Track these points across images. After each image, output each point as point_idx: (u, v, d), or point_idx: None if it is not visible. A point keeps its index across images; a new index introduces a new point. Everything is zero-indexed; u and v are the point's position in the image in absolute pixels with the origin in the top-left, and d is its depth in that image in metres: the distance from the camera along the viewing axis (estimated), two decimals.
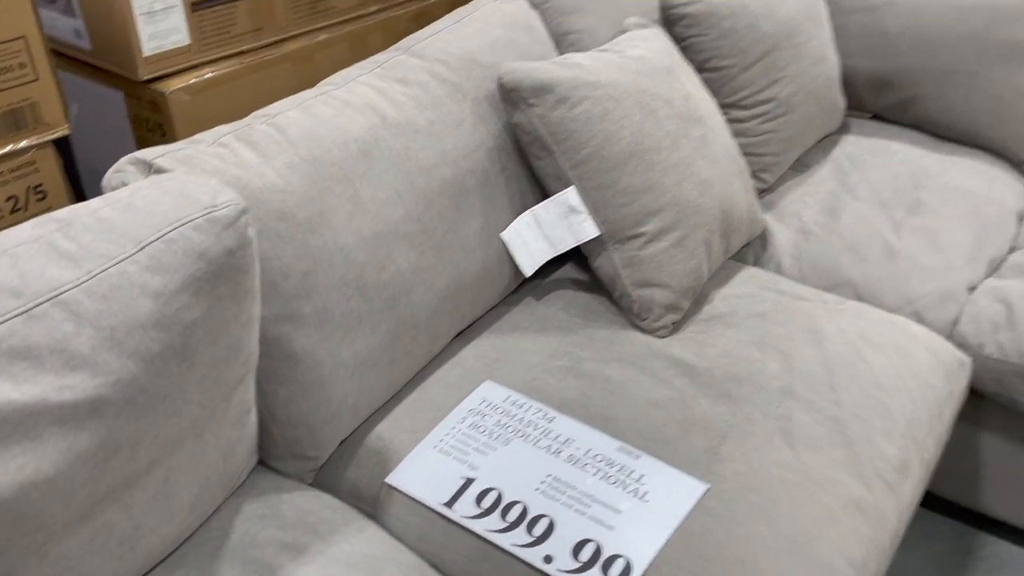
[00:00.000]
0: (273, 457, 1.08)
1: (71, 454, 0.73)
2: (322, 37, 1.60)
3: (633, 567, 0.91)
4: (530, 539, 0.96)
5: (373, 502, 1.06)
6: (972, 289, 1.40)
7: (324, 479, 1.10)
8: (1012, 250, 1.50)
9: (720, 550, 0.93)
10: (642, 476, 1.01)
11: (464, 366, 1.21)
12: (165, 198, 0.81)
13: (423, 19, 1.77)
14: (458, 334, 1.27)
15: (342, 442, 1.12)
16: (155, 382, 0.78)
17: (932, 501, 1.56)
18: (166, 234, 0.78)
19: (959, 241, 1.46)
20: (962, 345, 1.33)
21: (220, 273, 0.81)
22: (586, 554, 0.93)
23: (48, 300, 0.73)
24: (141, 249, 0.77)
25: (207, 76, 1.44)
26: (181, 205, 0.80)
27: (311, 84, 1.31)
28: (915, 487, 1.09)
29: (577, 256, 1.42)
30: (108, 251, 0.76)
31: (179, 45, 1.40)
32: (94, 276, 0.75)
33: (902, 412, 1.13)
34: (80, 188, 1.61)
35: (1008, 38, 1.60)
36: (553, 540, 0.95)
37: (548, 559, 0.93)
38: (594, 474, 1.02)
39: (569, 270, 1.41)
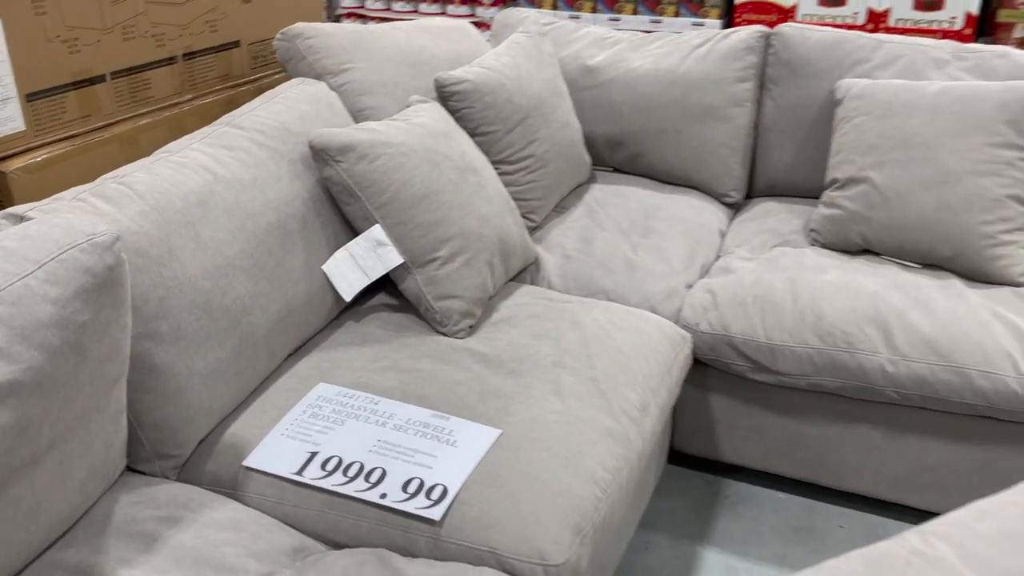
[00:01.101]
0: (140, 461, 1.27)
1: None
2: (144, 121, 1.82)
3: (449, 490, 1.19)
4: (368, 485, 1.21)
5: (233, 485, 1.27)
6: (690, 287, 1.84)
7: (187, 475, 1.30)
8: (717, 258, 1.96)
9: (512, 470, 1.23)
10: (451, 431, 1.30)
11: (299, 375, 1.46)
12: (54, 230, 1.02)
13: (231, 105, 2.03)
14: (292, 353, 1.52)
15: (200, 442, 1.32)
16: (56, 370, 0.98)
17: (683, 459, 1.95)
18: (58, 256, 1.00)
19: (679, 254, 1.90)
20: (685, 326, 1.74)
21: (102, 285, 1.03)
22: (413, 488, 1.20)
23: None
24: (41, 267, 0.98)
25: (42, 157, 1.62)
26: (68, 234, 1.02)
27: (139, 158, 1.53)
28: (654, 422, 1.46)
29: (388, 284, 1.72)
30: (13, 269, 0.97)
31: (16, 131, 1.58)
32: (3, 289, 0.95)
33: (640, 370, 1.51)
34: None
35: (699, 102, 2.12)
36: (386, 483, 1.21)
37: (383, 496, 1.19)
38: (414, 434, 1.29)
39: (382, 297, 1.70)
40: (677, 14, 3.70)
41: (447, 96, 1.85)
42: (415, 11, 4.27)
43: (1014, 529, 1.14)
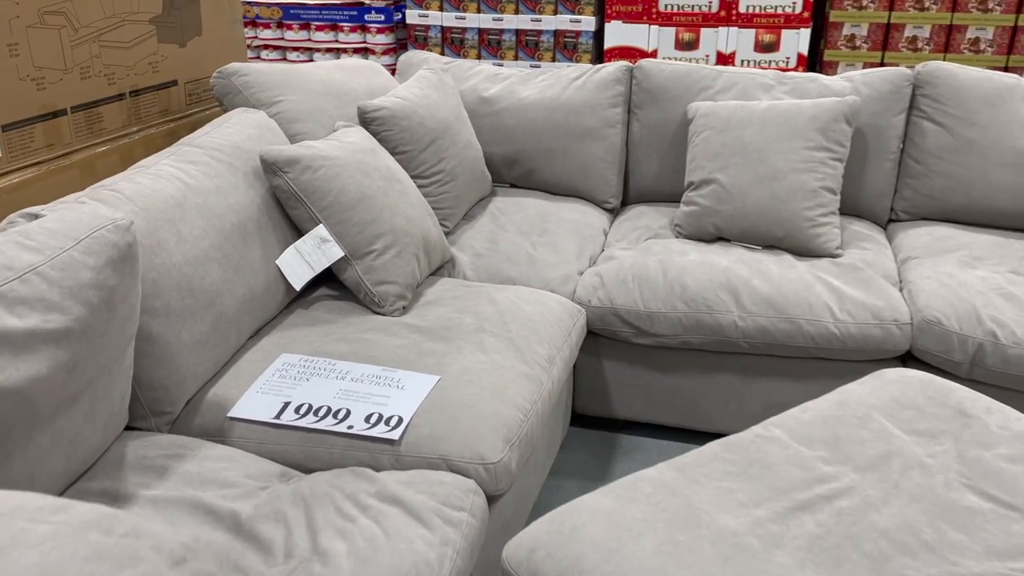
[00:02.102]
0: (137, 419, 1.51)
1: (53, 363, 1.17)
2: (100, 150, 2.06)
3: (404, 418, 1.50)
4: (336, 421, 1.50)
5: (220, 433, 1.53)
6: (581, 273, 2.21)
7: (178, 429, 1.55)
8: (602, 250, 2.35)
9: (452, 402, 1.54)
10: (399, 380, 1.61)
11: (264, 349, 1.73)
12: (84, 215, 1.28)
13: (172, 136, 2.29)
14: (253, 334, 1.79)
15: (188, 401, 1.57)
16: (95, 322, 1.24)
17: (585, 420, 2.31)
18: (91, 234, 1.26)
19: (571, 248, 2.28)
20: (579, 303, 2.11)
21: (124, 258, 1.30)
22: (373, 419, 1.50)
23: (30, 271, 1.18)
24: (79, 242, 1.24)
25: (15, 181, 1.84)
26: (96, 218, 1.29)
27: (96, 181, 1.78)
28: (559, 371, 1.80)
29: (328, 278, 2.01)
30: (59, 244, 1.23)
31: None
32: (53, 259, 1.21)
33: (546, 332, 1.85)
34: None
35: (579, 125, 2.52)
36: (351, 418, 1.50)
37: (351, 427, 1.48)
38: (369, 384, 1.59)
39: (324, 288, 1.99)
40: (554, 59, 4.19)
41: (368, 121, 2.18)
42: (308, 39, 4.62)
43: (828, 415, 1.54)
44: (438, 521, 1.29)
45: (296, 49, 4.68)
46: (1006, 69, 3.69)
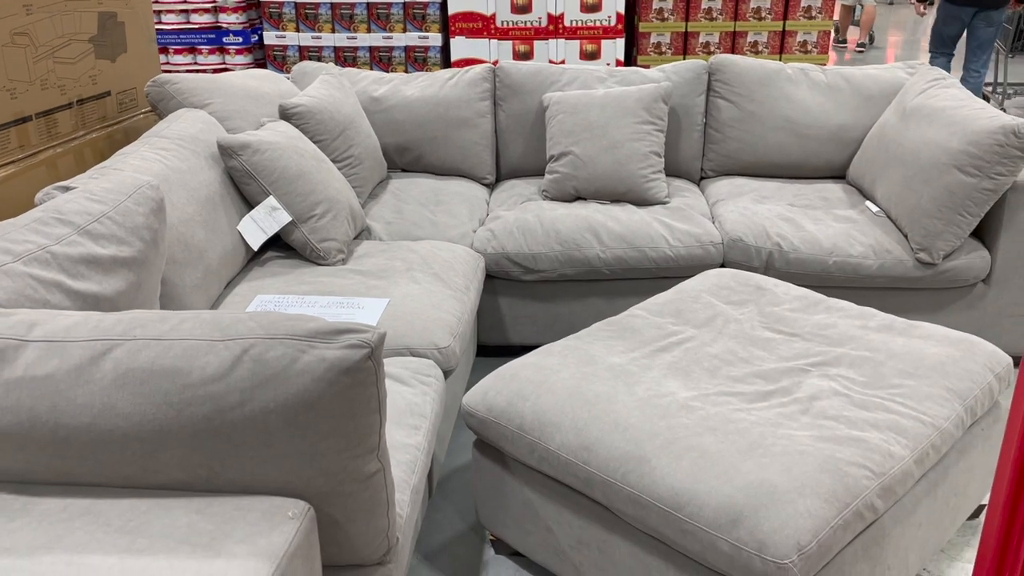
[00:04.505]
0: None
1: (127, 282, 1.57)
2: (58, 150, 2.38)
3: (372, 325, 1.98)
4: None
5: None
6: (475, 231, 2.76)
7: None
8: (487, 214, 2.91)
9: (404, 312, 2.04)
10: (358, 304, 2.08)
11: (240, 294, 2.15)
12: (127, 178, 1.69)
13: (110, 140, 2.62)
14: (228, 283, 2.20)
15: None
16: (148, 254, 1.65)
17: (488, 350, 2.85)
18: (136, 191, 1.67)
19: (463, 213, 2.82)
20: (477, 251, 2.65)
21: (159, 208, 1.71)
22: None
23: (102, 216, 1.58)
24: (130, 196, 1.65)
25: None
26: (135, 180, 1.70)
27: (59, 180, 2.15)
28: (473, 295, 2.34)
29: (275, 243, 2.44)
30: (116, 199, 1.63)
31: None
32: (115, 208, 1.61)
33: (460, 269, 2.39)
34: None
35: (456, 116, 3.07)
36: None
37: None
38: (336, 308, 2.06)
39: (272, 251, 2.42)
40: (405, 30, 4.70)
41: (289, 116, 2.63)
42: (167, 62, 4.88)
43: (672, 298, 2.15)
44: (416, 382, 1.79)
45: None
46: None
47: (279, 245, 2.45)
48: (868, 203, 2.82)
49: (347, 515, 1.18)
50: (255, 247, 2.28)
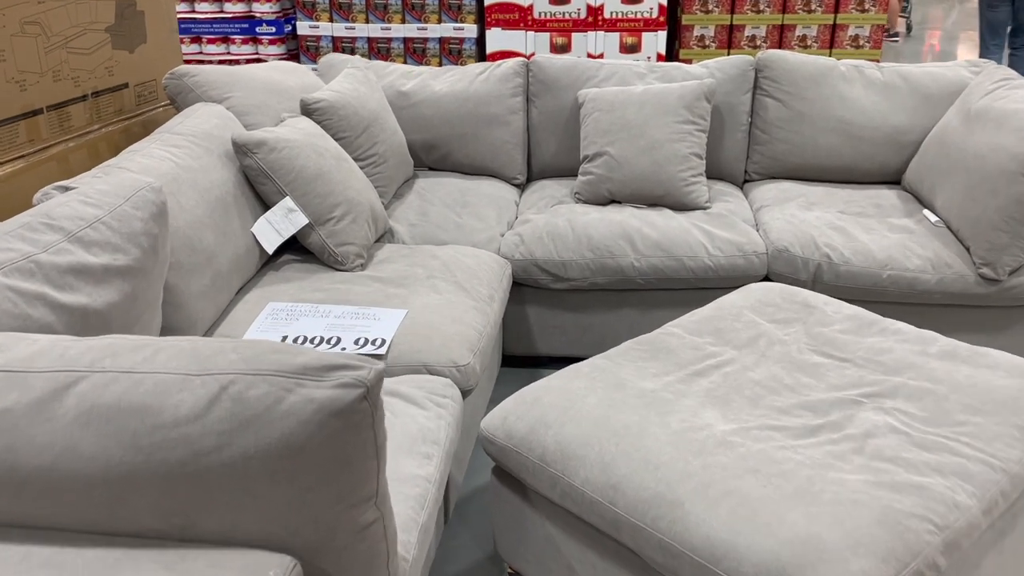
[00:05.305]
0: None
1: (121, 293, 1.46)
2: (71, 145, 2.29)
3: (387, 339, 1.85)
4: (331, 346, 1.83)
5: None
6: (503, 235, 2.61)
7: None
8: (516, 217, 2.77)
9: (422, 325, 1.91)
10: (374, 314, 1.96)
11: (251, 302, 2.04)
12: (126, 179, 1.58)
13: (127, 133, 2.53)
14: (239, 291, 2.09)
15: None
16: (146, 262, 1.53)
17: (514, 360, 2.71)
18: (136, 193, 1.56)
19: (491, 216, 2.68)
20: (504, 257, 2.51)
21: (160, 212, 1.60)
22: (361, 342, 1.84)
23: (96, 221, 1.47)
24: (128, 199, 1.54)
25: (6, 172, 2.06)
26: (136, 182, 1.58)
27: (70, 175, 2.04)
28: (498, 305, 2.20)
29: (292, 246, 2.32)
30: (114, 202, 1.52)
31: None
32: (111, 212, 1.50)
33: (484, 277, 2.25)
34: None
35: (487, 113, 2.93)
36: (343, 343, 1.84)
37: (344, 348, 1.82)
38: (351, 319, 1.93)
39: (289, 255, 2.31)
40: (440, 21, 4.58)
41: (311, 111, 2.51)
42: (200, 51, 4.84)
43: (710, 315, 1.99)
44: (430, 404, 1.66)
45: (188, 62, 4.87)
46: None
47: (296, 248, 2.34)
48: (926, 212, 2.62)
49: (340, 570, 1.05)
50: (270, 251, 2.16)
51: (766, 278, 2.53)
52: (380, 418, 1.00)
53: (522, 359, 2.72)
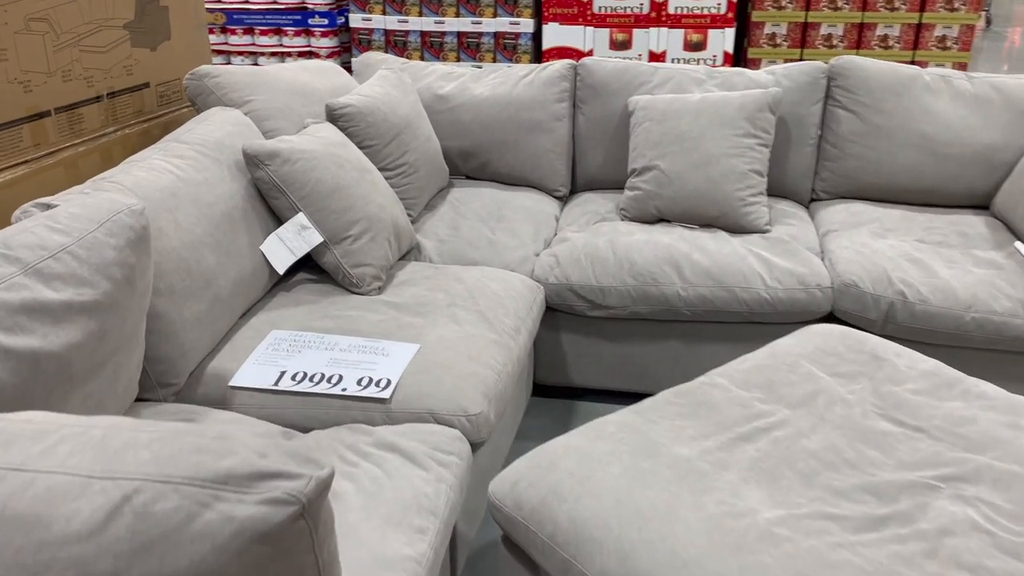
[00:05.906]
0: (145, 390, 1.64)
1: (86, 331, 1.30)
2: (81, 149, 2.16)
3: (392, 379, 1.66)
4: (331, 385, 1.66)
5: (222, 402, 1.67)
6: (538, 255, 2.40)
7: (183, 399, 1.68)
8: (555, 234, 2.55)
9: (433, 364, 1.72)
10: (383, 348, 1.77)
11: (254, 328, 1.87)
12: (103, 201, 1.42)
13: (146, 136, 2.40)
14: (243, 314, 1.93)
15: (190, 374, 1.71)
16: (119, 296, 1.37)
17: (545, 390, 2.50)
18: (112, 218, 1.40)
19: (527, 232, 2.47)
20: (538, 280, 2.30)
21: (140, 239, 1.44)
22: (365, 382, 1.66)
23: (61, 251, 1.31)
24: (102, 225, 1.38)
25: (7, 178, 1.94)
26: (113, 204, 1.43)
27: (78, 182, 1.90)
28: (525, 338, 1.99)
29: (306, 263, 2.16)
30: (84, 227, 1.36)
31: None
32: (79, 240, 1.34)
33: (511, 306, 2.04)
34: None
35: (529, 119, 2.72)
36: (344, 382, 1.66)
37: (344, 389, 1.64)
38: (357, 352, 1.75)
39: (303, 273, 2.14)
40: (495, 60, 4.39)
41: (336, 118, 2.33)
42: (252, 43, 4.74)
43: (762, 363, 1.75)
44: (431, 463, 1.47)
45: (240, 54, 4.78)
46: (912, 63, 4.02)
47: (312, 265, 2.17)
48: (1018, 244, 2.31)
49: None
50: (280, 271, 2.00)
51: (830, 315, 2.26)
52: (323, 537, 0.81)
53: (556, 389, 2.51)
